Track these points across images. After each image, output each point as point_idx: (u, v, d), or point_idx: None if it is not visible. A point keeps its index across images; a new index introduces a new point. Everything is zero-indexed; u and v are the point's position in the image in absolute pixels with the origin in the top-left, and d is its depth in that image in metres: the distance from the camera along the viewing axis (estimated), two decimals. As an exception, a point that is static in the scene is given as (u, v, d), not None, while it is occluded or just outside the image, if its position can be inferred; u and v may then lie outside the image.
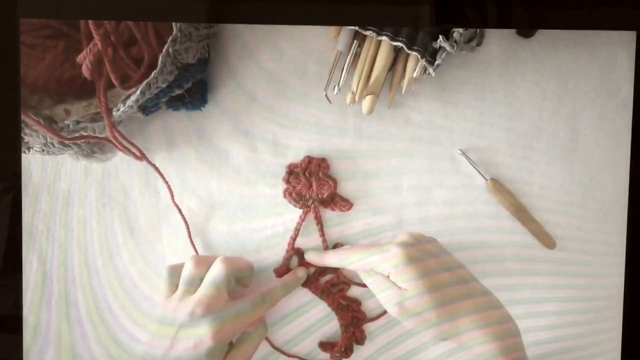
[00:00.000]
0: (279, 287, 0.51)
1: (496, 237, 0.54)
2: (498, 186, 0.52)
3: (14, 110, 0.45)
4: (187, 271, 0.49)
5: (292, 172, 0.52)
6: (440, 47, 0.47)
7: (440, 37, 0.47)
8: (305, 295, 0.53)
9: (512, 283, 0.54)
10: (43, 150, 0.47)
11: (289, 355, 0.53)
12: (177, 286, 0.49)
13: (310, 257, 0.52)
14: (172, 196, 0.52)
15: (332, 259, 0.50)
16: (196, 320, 0.46)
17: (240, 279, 0.51)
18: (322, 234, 0.52)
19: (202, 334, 0.45)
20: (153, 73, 0.43)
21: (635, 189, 0.53)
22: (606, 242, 0.54)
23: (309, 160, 0.52)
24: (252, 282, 0.52)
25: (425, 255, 0.46)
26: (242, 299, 0.49)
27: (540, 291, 0.54)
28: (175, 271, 0.50)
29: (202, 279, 0.48)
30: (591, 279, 0.55)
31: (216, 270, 0.48)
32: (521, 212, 0.53)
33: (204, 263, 0.49)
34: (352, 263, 0.48)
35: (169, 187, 0.51)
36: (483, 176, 0.52)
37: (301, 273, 0.52)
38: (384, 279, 0.46)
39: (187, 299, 0.47)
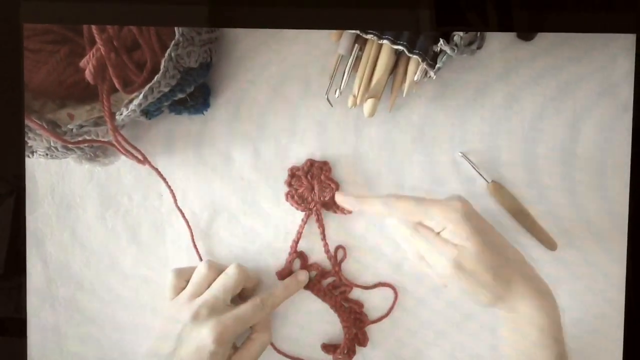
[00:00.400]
0: (279, 290, 0.51)
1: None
2: (499, 188, 0.52)
3: (18, 115, 0.45)
4: (200, 274, 0.50)
5: (294, 175, 0.52)
6: (441, 50, 0.47)
7: (441, 40, 0.47)
8: (307, 297, 0.54)
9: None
10: (47, 154, 0.47)
11: (292, 358, 0.54)
12: (181, 289, 0.50)
13: (345, 200, 0.48)
14: (175, 200, 0.52)
15: (374, 205, 0.46)
16: (199, 322, 0.46)
17: (244, 291, 0.51)
18: (324, 237, 0.52)
19: (204, 337, 0.45)
20: (156, 77, 0.43)
21: (636, 191, 0.53)
22: (607, 243, 0.54)
23: (311, 163, 0.52)
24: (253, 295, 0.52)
25: (478, 214, 0.43)
26: (242, 303, 0.49)
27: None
28: (180, 274, 0.50)
29: (210, 284, 0.49)
30: (592, 280, 0.54)
31: (230, 275, 0.49)
32: (522, 214, 0.53)
33: (216, 268, 0.50)
34: (400, 210, 0.44)
35: (171, 191, 0.52)
36: (484, 178, 0.52)
37: (302, 277, 0.52)
38: (434, 235, 0.43)
39: (193, 301, 0.48)
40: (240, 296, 0.51)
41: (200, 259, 0.53)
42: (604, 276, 0.54)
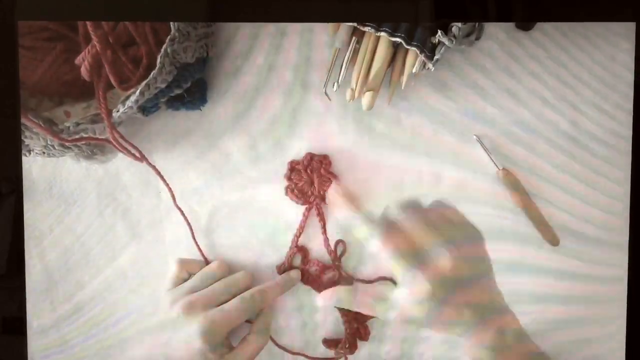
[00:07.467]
0: (270, 287, 0.51)
1: (496, 235, 0.53)
2: (509, 176, 0.52)
3: (14, 113, 0.45)
4: (209, 269, 0.51)
5: (293, 169, 0.52)
6: (439, 41, 0.47)
7: (439, 31, 0.47)
8: (308, 292, 0.53)
9: (516, 280, 0.54)
10: (44, 153, 0.47)
11: (293, 353, 0.54)
12: (182, 281, 0.50)
13: (334, 199, 0.51)
14: (174, 199, 0.52)
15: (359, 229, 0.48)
16: (191, 316, 0.46)
17: None
18: (325, 231, 0.52)
19: (192, 333, 0.45)
20: (152, 73, 0.43)
21: (638, 181, 0.53)
22: (609, 234, 0.54)
23: (311, 157, 0.52)
24: None
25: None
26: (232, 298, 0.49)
27: (543, 287, 0.54)
28: (184, 265, 0.51)
29: (211, 283, 0.49)
30: (594, 271, 0.54)
31: (237, 277, 0.50)
32: (529, 206, 0.52)
33: (227, 269, 0.51)
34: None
35: (169, 189, 0.51)
36: (495, 164, 0.52)
37: (294, 274, 0.52)
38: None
39: (191, 294, 0.48)
40: None
41: (203, 256, 0.52)
42: (606, 267, 0.54)
